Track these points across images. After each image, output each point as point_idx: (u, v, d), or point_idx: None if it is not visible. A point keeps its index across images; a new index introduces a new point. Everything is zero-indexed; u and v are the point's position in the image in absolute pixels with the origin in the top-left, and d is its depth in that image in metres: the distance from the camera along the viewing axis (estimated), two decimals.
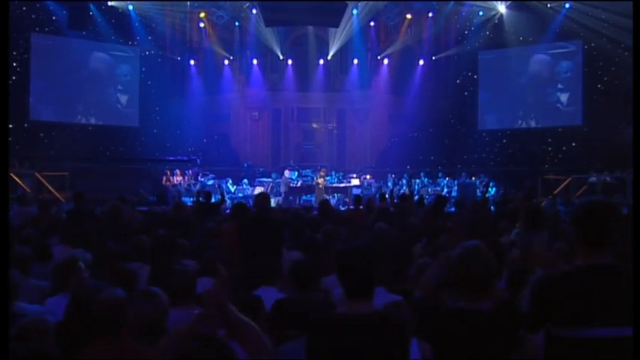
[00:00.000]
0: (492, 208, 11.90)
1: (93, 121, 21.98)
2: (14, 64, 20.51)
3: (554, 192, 18.46)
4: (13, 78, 20.42)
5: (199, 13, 22.36)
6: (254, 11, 21.80)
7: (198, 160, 19.84)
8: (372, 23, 23.23)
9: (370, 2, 21.77)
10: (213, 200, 12.19)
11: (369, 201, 13.21)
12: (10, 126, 19.89)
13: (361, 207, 10.36)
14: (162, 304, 3.10)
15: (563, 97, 21.66)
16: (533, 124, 22.32)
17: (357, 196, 11.51)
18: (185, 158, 19.92)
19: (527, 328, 2.49)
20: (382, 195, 13.79)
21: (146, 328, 2.98)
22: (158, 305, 3.07)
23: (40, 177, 17.92)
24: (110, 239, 5.68)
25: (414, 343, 2.65)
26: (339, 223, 7.81)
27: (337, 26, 21.52)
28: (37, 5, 20.32)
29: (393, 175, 21.06)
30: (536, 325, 2.43)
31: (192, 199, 16.85)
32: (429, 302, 2.80)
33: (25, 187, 17.02)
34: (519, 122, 22.66)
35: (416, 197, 14.33)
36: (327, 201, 9.94)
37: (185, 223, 7.05)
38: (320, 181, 18.83)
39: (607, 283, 2.38)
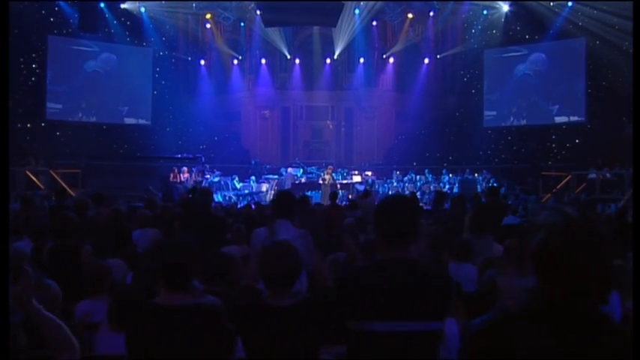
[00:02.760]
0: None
1: (108, 120, 22.40)
2: (33, 66, 21.08)
3: (553, 189, 18.36)
4: (32, 79, 21.00)
5: (205, 14, 22.63)
6: (259, 12, 21.97)
7: (203, 158, 20.06)
8: (374, 22, 23.29)
9: (370, 2, 21.77)
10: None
11: (358, 196, 13.30)
12: (28, 125, 20.50)
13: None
14: (51, 295, 3.25)
15: (567, 95, 21.38)
16: (537, 121, 22.09)
17: (332, 193, 11.62)
18: (190, 156, 20.16)
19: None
20: (367, 191, 13.84)
21: None
22: (47, 295, 3.22)
23: (54, 174, 18.35)
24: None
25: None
26: (314, 218, 7.97)
27: (334, 26, 21.57)
28: (56, 9, 20.80)
29: (398, 172, 21.04)
30: (339, 319, 2.37)
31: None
32: (244, 297, 2.85)
33: (39, 184, 17.46)
34: (524, 119, 22.46)
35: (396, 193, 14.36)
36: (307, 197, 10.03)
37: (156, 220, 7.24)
38: (327, 177, 18.89)
39: (402, 277, 2.31)
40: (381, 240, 2.42)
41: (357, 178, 20.17)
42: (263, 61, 23.89)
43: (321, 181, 19.07)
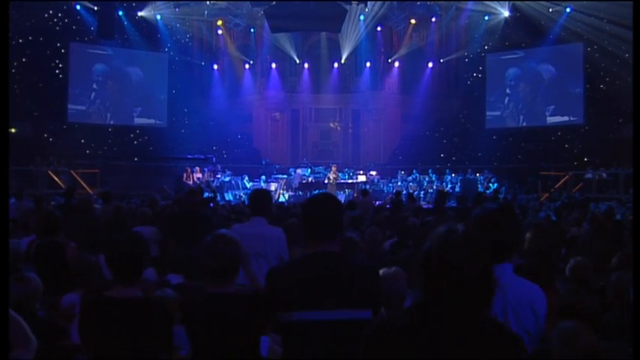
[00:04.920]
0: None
1: (126, 122, 22.70)
2: (56, 71, 21.43)
3: (551, 189, 18.30)
4: (56, 84, 21.36)
5: (217, 21, 22.83)
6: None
7: (214, 158, 20.26)
8: (379, 28, 23.37)
9: (375, 8, 21.81)
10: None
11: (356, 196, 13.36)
12: (51, 128, 20.87)
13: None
14: (32, 288, 3.37)
15: (565, 98, 21.27)
16: (536, 122, 22.02)
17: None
18: (202, 156, 20.36)
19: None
20: (365, 191, 13.90)
21: (15, 308, 3.25)
22: (27, 288, 3.35)
23: (74, 174, 18.67)
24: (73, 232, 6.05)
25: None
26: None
27: (339, 31, 21.65)
28: (78, 17, 21.11)
29: (403, 172, 21.05)
30: (273, 310, 2.43)
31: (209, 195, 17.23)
32: (190, 289, 2.91)
33: (60, 183, 17.75)
34: (524, 121, 22.39)
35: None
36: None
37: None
38: (331, 177, 18.93)
39: (329, 269, 2.35)
40: (308, 236, 2.48)
41: (362, 178, 20.22)
42: (273, 65, 24.08)
43: (326, 181, 19.13)
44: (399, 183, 20.16)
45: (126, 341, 2.48)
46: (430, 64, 23.64)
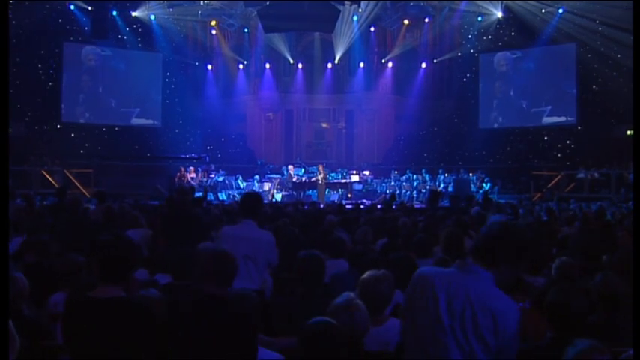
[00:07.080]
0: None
1: (120, 122, 22.60)
2: (50, 71, 21.33)
3: (543, 190, 18.37)
4: (50, 84, 21.27)
5: (211, 21, 22.78)
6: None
7: (207, 158, 20.21)
8: (372, 29, 23.39)
9: (368, 9, 21.82)
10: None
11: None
12: (45, 128, 20.77)
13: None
14: (18, 287, 3.34)
15: (558, 98, 21.32)
16: (529, 123, 22.05)
17: (312, 203, 11.78)
18: (195, 156, 20.32)
19: None
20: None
21: None
22: (13, 288, 3.31)
23: (68, 174, 18.61)
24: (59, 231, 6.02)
25: None
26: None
27: (332, 31, 21.67)
28: (72, 17, 21.02)
29: (396, 172, 21.07)
30: None
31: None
32: (178, 289, 2.91)
33: (54, 183, 17.68)
34: (517, 121, 22.43)
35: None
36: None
37: None
38: (319, 177, 18.92)
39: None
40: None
41: (355, 178, 20.25)
42: (267, 65, 24.03)
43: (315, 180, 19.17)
44: (393, 183, 20.19)
45: (107, 341, 2.46)
46: (424, 65, 23.65)
